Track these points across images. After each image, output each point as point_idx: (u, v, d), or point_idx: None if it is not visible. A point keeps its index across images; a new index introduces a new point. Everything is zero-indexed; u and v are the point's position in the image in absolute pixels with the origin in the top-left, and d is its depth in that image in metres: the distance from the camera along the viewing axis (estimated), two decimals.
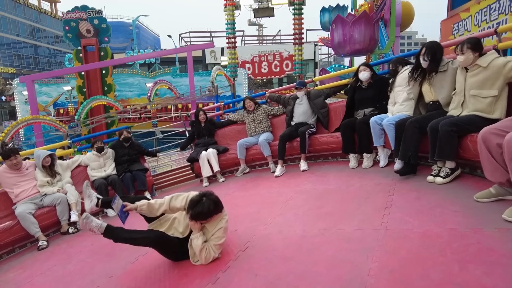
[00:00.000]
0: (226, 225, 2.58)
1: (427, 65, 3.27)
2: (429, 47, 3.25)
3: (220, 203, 2.56)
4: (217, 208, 2.52)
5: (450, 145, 2.84)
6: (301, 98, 4.99)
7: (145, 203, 2.72)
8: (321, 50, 33.73)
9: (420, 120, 3.20)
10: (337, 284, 1.90)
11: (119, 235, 2.53)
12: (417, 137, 3.16)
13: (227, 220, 2.61)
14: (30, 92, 10.57)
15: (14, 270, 3.44)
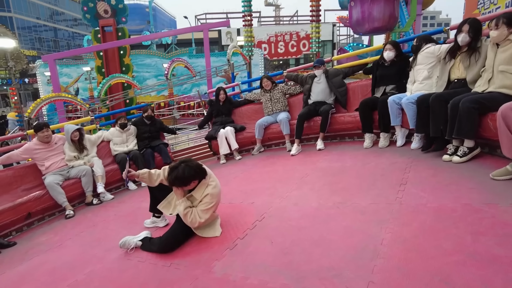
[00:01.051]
0: (213, 191, 2.59)
1: (468, 42, 3.16)
2: (473, 23, 3.13)
3: (200, 170, 2.57)
4: (195, 174, 2.54)
5: (470, 122, 2.80)
6: (319, 76, 4.96)
7: (146, 172, 2.91)
8: (339, 31, 32.87)
9: (445, 95, 3.13)
10: (351, 251, 1.99)
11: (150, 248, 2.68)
12: (445, 111, 3.04)
13: (216, 186, 2.62)
14: (52, 71, 10.85)
15: (46, 235, 3.68)
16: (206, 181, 2.63)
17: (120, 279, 2.38)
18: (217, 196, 2.65)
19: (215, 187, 2.63)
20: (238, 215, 2.99)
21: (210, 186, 2.62)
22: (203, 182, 2.62)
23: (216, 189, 2.63)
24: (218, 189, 2.67)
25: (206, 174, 2.64)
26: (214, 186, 2.63)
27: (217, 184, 2.68)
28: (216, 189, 2.64)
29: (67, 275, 2.60)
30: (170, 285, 2.13)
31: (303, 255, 2.07)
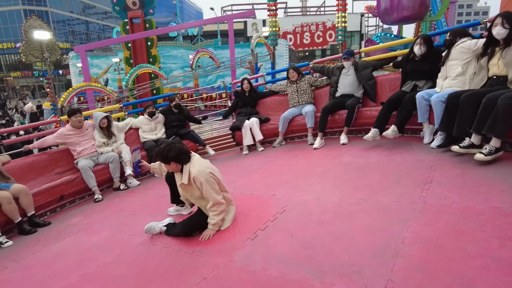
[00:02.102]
0: (198, 174, 2.62)
1: (506, 35, 2.96)
2: (508, 15, 2.94)
3: (182, 155, 2.68)
4: (175, 156, 2.65)
5: (506, 120, 2.62)
6: (348, 68, 4.85)
7: (157, 164, 3.09)
8: (368, 21, 31.83)
9: (478, 94, 2.96)
10: (371, 249, 1.99)
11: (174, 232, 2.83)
12: (474, 112, 2.91)
13: (199, 170, 2.64)
14: (83, 62, 11.25)
15: (77, 217, 3.89)
16: (188, 166, 2.70)
17: (145, 263, 2.50)
18: (205, 172, 2.63)
19: (198, 169, 2.65)
20: (259, 206, 3.04)
21: (192, 169, 2.66)
22: (186, 167, 2.70)
23: (199, 171, 2.64)
24: (204, 170, 2.66)
25: (188, 161, 2.71)
26: (196, 169, 2.65)
27: (199, 166, 2.68)
28: (200, 171, 2.64)
29: (96, 256, 2.75)
30: (193, 272, 2.21)
31: (323, 250, 2.09)
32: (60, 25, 45.83)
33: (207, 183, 2.62)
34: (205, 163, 2.78)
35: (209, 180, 2.64)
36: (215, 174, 2.75)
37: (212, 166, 2.82)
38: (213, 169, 2.79)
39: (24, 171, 4.31)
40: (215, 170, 2.80)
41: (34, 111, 15.61)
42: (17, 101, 33.77)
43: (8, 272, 2.79)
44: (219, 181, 2.78)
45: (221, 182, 2.81)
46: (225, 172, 4.44)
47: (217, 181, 2.74)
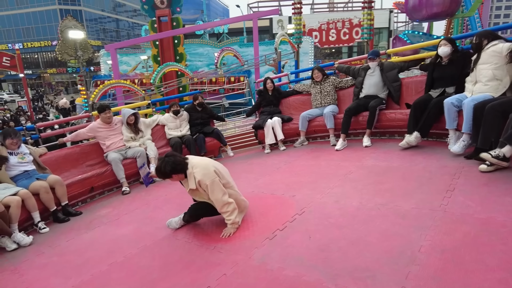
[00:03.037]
0: (202, 177, 2.67)
1: None
2: None
3: (178, 166, 2.70)
4: (173, 170, 2.69)
5: None
6: (373, 69, 4.81)
7: None
8: (397, 17, 30.90)
9: (505, 104, 2.89)
10: (387, 255, 2.02)
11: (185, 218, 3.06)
12: (498, 123, 2.86)
13: (201, 172, 2.68)
14: (113, 59, 11.70)
15: (106, 209, 4.11)
16: (191, 171, 2.74)
17: (168, 256, 2.64)
18: (209, 174, 2.68)
19: (203, 173, 2.70)
20: (279, 207, 3.11)
21: (196, 174, 2.70)
22: (189, 173, 2.75)
23: (204, 175, 2.69)
24: (208, 172, 2.70)
25: (187, 168, 2.74)
26: (200, 172, 2.70)
27: (202, 170, 2.72)
28: (204, 174, 2.69)
29: (124, 247, 2.93)
30: (213, 267, 2.32)
31: (339, 253, 2.14)
32: (92, 23, 48.00)
33: (212, 185, 2.67)
34: (207, 164, 2.79)
35: (214, 182, 2.68)
36: (219, 171, 2.80)
37: (214, 164, 2.85)
38: (216, 166, 2.83)
39: (59, 162, 4.59)
40: (218, 166, 2.84)
41: (67, 107, 16.38)
42: (53, 96, 35.49)
43: (45, 257, 3.02)
44: (223, 177, 2.81)
45: (226, 177, 2.86)
46: (246, 170, 4.58)
47: (221, 176, 2.78)
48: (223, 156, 5.97)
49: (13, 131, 4.01)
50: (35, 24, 47.66)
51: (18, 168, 3.85)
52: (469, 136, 3.36)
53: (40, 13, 46.82)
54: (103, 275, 2.52)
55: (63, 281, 2.54)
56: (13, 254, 3.19)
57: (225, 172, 2.91)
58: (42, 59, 49.63)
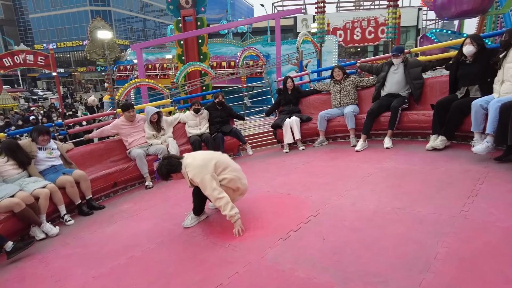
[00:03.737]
0: (193, 175, 2.85)
1: None
2: None
3: (171, 167, 2.94)
4: (169, 171, 2.95)
5: None
6: (397, 65, 4.69)
7: None
8: (426, 15, 29.83)
9: None
10: (401, 260, 1.98)
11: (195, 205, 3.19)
12: None
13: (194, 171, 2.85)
14: (139, 58, 12.05)
15: (127, 204, 4.25)
16: (184, 170, 2.94)
17: (184, 252, 2.71)
18: (200, 173, 2.83)
19: (193, 172, 2.87)
20: (294, 207, 3.11)
21: (189, 173, 2.89)
22: (183, 172, 2.94)
23: (194, 174, 2.86)
24: (199, 171, 2.85)
25: (180, 168, 2.94)
26: (192, 171, 2.88)
27: (194, 169, 2.87)
28: (195, 173, 2.86)
29: (142, 241, 3.02)
30: (226, 265, 2.36)
31: (351, 257, 2.12)
32: (121, 23, 49.73)
33: (202, 182, 2.83)
34: (199, 163, 2.90)
35: (204, 179, 2.82)
36: (217, 160, 2.94)
37: (210, 157, 2.98)
38: (209, 160, 2.94)
39: (84, 158, 4.79)
40: (211, 159, 2.95)
41: (95, 104, 16.99)
42: (80, 94, 36.92)
43: (70, 248, 3.18)
44: (222, 164, 2.96)
45: (225, 163, 2.99)
46: (264, 169, 4.60)
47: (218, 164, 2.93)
48: (242, 154, 6.02)
49: (44, 128, 4.22)
50: (68, 24, 49.83)
51: (46, 163, 4.05)
52: (493, 138, 3.23)
53: (72, 14, 48.91)
54: (121, 268, 2.62)
55: (85, 271, 2.66)
56: (42, 243, 3.38)
57: (224, 158, 3.06)
58: (73, 58, 51.86)
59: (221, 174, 2.93)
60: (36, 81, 52.88)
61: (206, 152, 3.16)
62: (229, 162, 3.08)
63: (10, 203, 3.30)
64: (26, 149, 3.92)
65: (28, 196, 3.47)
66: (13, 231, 3.39)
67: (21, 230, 3.51)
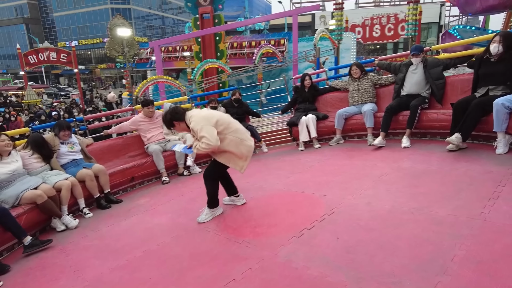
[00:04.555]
0: (194, 124, 2.96)
1: None
2: None
3: (176, 114, 3.07)
4: (172, 117, 3.06)
5: None
6: (416, 65, 4.57)
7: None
8: (450, 11, 28.91)
9: None
10: (416, 261, 1.94)
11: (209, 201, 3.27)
12: None
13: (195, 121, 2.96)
14: (157, 55, 12.22)
15: (144, 198, 4.34)
16: (188, 122, 3.04)
17: (199, 247, 2.74)
18: (200, 122, 2.95)
19: (196, 121, 2.97)
20: (308, 205, 3.10)
21: (192, 123, 3.00)
22: (186, 122, 3.05)
23: (198, 122, 2.96)
24: (200, 119, 2.97)
25: (183, 117, 3.06)
26: (194, 121, 2.98)
27: (195, 119, 2.98)
28: (198, 121, 2.96)
29: (157, 235, 3.08)
30: (239, 261, 2.37)
31: (365, 257, 2.10)
32: (140, 20, 50.69)
33: (200, 129, 2.92)
34: (203, 115, 3.03)
35: (203, 128, 2.91)
36: (217, 118, 3.03)
37: (209, 114, 3.08)
38: (211, 116, 3.03)
39: (103, 152, 4.92)
40: (214, 116, 3.04)
41: (114, 101, 17.37)
42: (97, 90, 37.83)
43: (88, 240, 3.27)
44: (223, 123, 3.03)
45: (226, 122, 3.06)
46: (279, 167, 4.59)
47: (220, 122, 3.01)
48: (257, 151, 6.02)
49: (66, 124, 4.36)
50: (89, 22, 51.10)
51: (67, 156, 4.18)
52: None
53: (93, 12, 50.12)
54: (137, 261, 2.68)
55: (101, 263, 2.74)
56: (62, 235, 3.50)
57: (226, 117, 3.15)
58: (94, 55, 53.16)
59: (222, 133, 3.00)
60: (58, 77, 54.52)
61: (210, 110, 3.28)
62: (230, 121, 3.14)
63: (33, 194, 3.43)
64: (49, 143, 4.05)
65: (50, 189, 3.59)
66: (35, 222, 3.52)
67: (43, 221, 3.64)
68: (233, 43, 15.37)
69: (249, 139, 3.16)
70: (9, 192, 3.41)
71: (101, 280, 2.50)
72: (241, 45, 15.40)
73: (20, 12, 56.03)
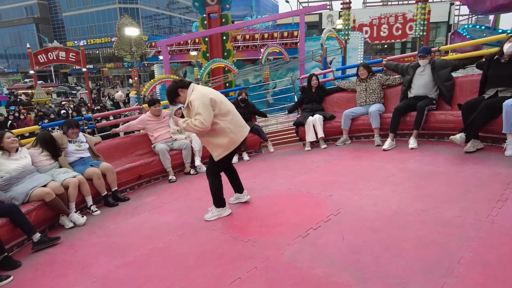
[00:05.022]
0: (194, 97, 2.95)
1: None
2: None
3: (179, 81, 3.13)
4: (176, 84, 3.08)
5: None
6: (424, 67, 4.53)
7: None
8: (459, 10, 28.52)
9: None
10: (422, 263, 1.93)
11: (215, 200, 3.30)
12: None
13: (196, 95, 2.97)
14: (164, 54, 12.29)
15: (151, 196, 4.38)
16: (190, 92, 3.05)
17: (204, 245, 2.76)
18: (201, 98, 2.94)
19: (197, 95, 2.98)
20: (314, 205, 3.10)
21: (192, 96, 3.00)
22: (188, 93, 3.05)
23: (196, 97, 2.96)
24: (199, 97, 2.96)
25: (188, 86, 3.07)
26: (196, 95, 2.99)
27: (196, 94, 3.00)
28: (197, 97, 2.96)
29: (164, 233, 3.11)
30: (245, 260, 2.39)
31: (371, 257, 2.10)
32: (147, 20, 51.17)
33: (198, 106, 2.91)
34: (204, 91, 3.04)
35: (200, 104, 2.91)
36: (217, 99, 3.02)
37: (213, 94, 3.08)
38: (210, 93, 3.05)
39: (111, 151, 4.97)
40: (211, 93, 3.06)
41: (122, 100, 17.52)
42: (104, 89, 38.17)
43: (96, 237, 3.32)
44: (219, 105, 3.03)
45: (223, 106, 3.06)
46: (285, 167, 4.60)
47: (218, 103, 3.01)
48: (264, 151, 6.03)
49: (74, 122, 4.42)
50: (98, 22, 51.63)
51: (75, 155, 4.24)
52: None
53: (102, 12, 50.64)
54: (143, 258, 2.71)
55: (109, 260, 2.78)
56: (70, 232, 3.55)
57: (226, 104, 3.12)
58: (102, 54, 53.69)
59: (215, 117, 3.00)
60: (67, 76, 55.13)
61: (216, 92, 3.25)
62: (230, 110, 3.13)
63: (42, 192, 3.49)
64: (58, 141, 4.11)
65: (58, 187, 3.65)
66: (44, 219, 3.57)
67: (52, 218, 3.69)
68: (246, 35, 15.41)
69: (239, 133, 3.12)
70: (19, 189, 3.47)
71: (109, 276, 2.53)
72: (254, 37, 15.44)
73: (30, 12, 56.79)
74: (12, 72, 55.64)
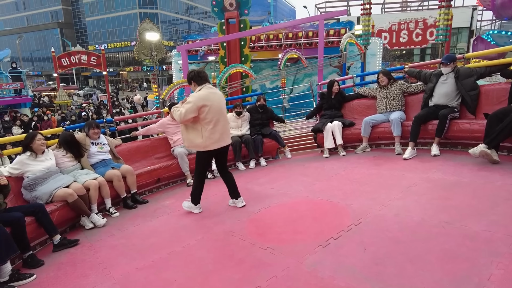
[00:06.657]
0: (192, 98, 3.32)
1: None
2: None
3: (195, 74, 3.46)
4: (193, 75, 3.47)
5: None
6: (447, 76, 4.43)
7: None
8: (482, 15, 27.85)
9: None
10: (449, 277, 1.87)
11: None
12: None
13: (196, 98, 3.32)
14: (184, 59, 12.45)
15: (169, 199, 4.42)
16: (196, 90, 3.45)
17: (223, 251, 2.76)
18: (195, 98, 3.31)
19: (195, 95, 3.37)
20: (334, 214, 3.06)
21: (194, 94, 3.39)
22: (195, 89, 3.46)
23: (194, 96, 3.36)
24: (198, 97, 3.33)
25: (201, 84, 3.45)
26: (194, 94, 3.38)
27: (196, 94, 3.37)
28: (194, 95, 3.36)
29: (183, 237, 3.12)
30: (264, 267, 2.37)
31: (394, 269, 2.04)
32: (166, 25, 52.25)
33: (188, 103, 3.31)
34: (203, 95, 3.35)
35: (190, 102, 3.30)
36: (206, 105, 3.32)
37: (208, 100, 3.36)
38: (208, 102, 3.34)
39: (131, 153, 5.05)
40: (212, 105, 3.36)
41: (140, 103, 17.85)
42: (126, 93, 38.94)
43: (115, 239, 3.36)
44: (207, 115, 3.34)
45: (208, 117, 3.35)
46: (303, 173, 4.56)
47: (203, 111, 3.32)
48: (281, 157, 6.01)
49: (95, 123, 4.52)
50: (118, 26, 52.98)
51: (97, 156, 4.33)
52: None
53: (123, 17, 51.98)
54: (163, 262, 2.72)
55: (128, 262, 2.81)
56: (90, 232, 3.61)
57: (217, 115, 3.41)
58: (121, 58, 55.01)
59: (200, 119, 3.35)
60: (88, 79, 56.67)
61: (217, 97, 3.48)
62: (218, 120, 3.42)
63: (65, 193, 3.57)
64: (81, 143, 4.21)
65: (80, 188, 3.72)
66: (66, 219, 3.65)
67: (73, 218, 3.77)
68: (288, 34, 15.50)
69: (211, 142, 3.40)
70: (43, 189, 3.57)
71: (128, 279, 2.56)
72: (297, 36, 15.54)
73: (55, 17, 58.89)
74: (37, 75, 57.67)
